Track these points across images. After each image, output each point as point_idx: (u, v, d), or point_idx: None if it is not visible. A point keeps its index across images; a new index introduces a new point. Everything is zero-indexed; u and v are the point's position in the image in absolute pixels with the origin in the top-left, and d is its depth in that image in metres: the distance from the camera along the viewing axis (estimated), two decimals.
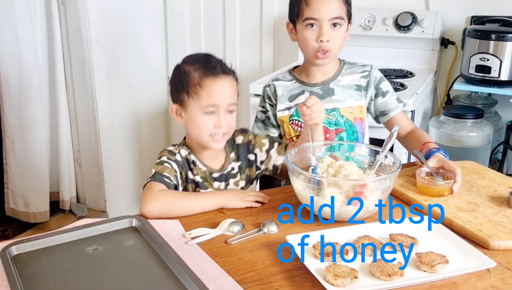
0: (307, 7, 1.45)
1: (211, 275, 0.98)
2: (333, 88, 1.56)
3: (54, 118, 2.71)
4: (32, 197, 2.64)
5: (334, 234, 1.11)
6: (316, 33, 1.46)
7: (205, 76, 1.28)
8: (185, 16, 3.08)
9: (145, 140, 3.10)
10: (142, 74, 3.00)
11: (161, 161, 1.33)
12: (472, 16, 2.41)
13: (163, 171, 1.30)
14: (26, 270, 1.00)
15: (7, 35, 2.41)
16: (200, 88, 1.27)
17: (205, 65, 1.29)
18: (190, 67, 1.31)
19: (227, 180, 1.41)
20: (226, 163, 1.40)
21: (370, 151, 1.35)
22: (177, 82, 1.32)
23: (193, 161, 1.37)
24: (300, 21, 1.48)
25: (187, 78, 1.29)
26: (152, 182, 1.27)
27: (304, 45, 1.50)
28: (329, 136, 1.55)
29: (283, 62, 2.85)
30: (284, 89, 1.59)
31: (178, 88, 1.32)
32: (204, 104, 1.28)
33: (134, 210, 2.98)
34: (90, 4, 2.54)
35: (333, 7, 1.45)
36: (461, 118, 2.23)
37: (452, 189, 1.31)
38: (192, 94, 1.28)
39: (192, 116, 1.30)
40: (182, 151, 1.37)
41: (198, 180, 1.37)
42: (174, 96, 1.35)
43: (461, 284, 0.97)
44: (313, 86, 1.57)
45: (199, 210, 1.26)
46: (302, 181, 1.20)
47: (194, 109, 1.29)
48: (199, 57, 1.34)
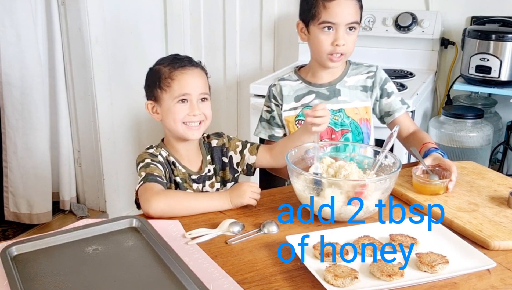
0: (325, 10, 1.43)
1: (211, 275, 0.98)
2: (340, 89, 1.56)
3: (54, 118, 2.70)
4: (35, 198, 2.64)
5: (334, 234, 1.11)
6: (332, 36, 1.45)
7: (174, 69, 1.36)
8: (185, 16, 3.08)
9: (145, 140, 3.10)
10: (142, 74, 2.97)
11: (146, 163, 1.36)
12: (472, 16, 2.41)
13: (153, 171, 1.32)
14: (26, 271, 1.00)
15: (9, 36, 2.41)
16: (171, 80, 1.35)
17: (173, 60, 1.38)
18: (160, 66, 1.39)
19: (204, 182, 1.44)
20: (203, 166, 1.44)
21: (370, 152, 1.35)
22: (150, 82, 1.40)
23: (173, 163, 1.41)
24: (315, 23, 1.46)
25: (158, 75, 1.37)
26: (146, 184, 1.29)
27: (318, 47, 1.49)
28: (335, 137, 1.56)
29: (283, 62, 2.85)
30: (290, 89, 1.59)
31: (150, 86, 1.40)
32: (176, 94, 1.34)
33: (134, 210, 2.96)
34: (90, 5, 2.54)
35: (351, 11, 1.45)
36: (461, 118, 2.23)
37: (447, 187, 1.31)
38: (164, 87, 1.35)
39: (166, 108, 1.36)
40: (162, 152, 1.41)
41: (178, 181, 1.40)
42: (148, 95, 1.42)
43: (461, 284, 0.97)
44: (320, 87, 1.57)
45: (202, 210, 1.26)
46: (302, 181, 1.20)
47: (168, 101, 1.36)
48: (167, 57, 1.42)
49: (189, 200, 1.28)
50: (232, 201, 1.27)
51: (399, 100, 1.60)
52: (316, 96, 1.55)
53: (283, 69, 2.66)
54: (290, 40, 2.83)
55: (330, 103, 1.53)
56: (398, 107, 1.59)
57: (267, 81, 2.47)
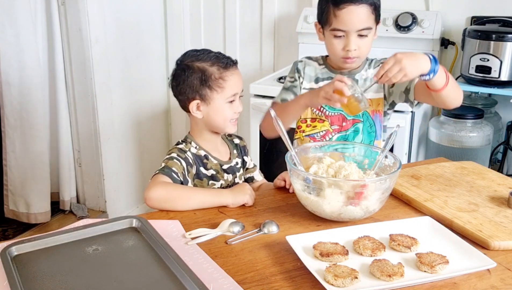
0: (335, 18, 1.43)
1: (211, 275, 0.98)
2: (358, 80, 1.56)
3: (54, 118, 2.71)
4: (33, 198, 2.64)
5: (334, 234, 1.11)
6: (343, 42, 1.45)
7: (224, 69, 1.39)
8: (185, 16, 3.08)
9: (145, 140, 3.10)
10: (142, 74, 3.00)
11: (170, 157, 1.38)
12: (472, 16, 2.41)
13: (172, 166, 1.34)
14: (26, 271, 1.00)
15: (8, 36, 2.41)
16: (223, 81, 1.38)
17: (218, 59, 1.40)
18: (203, 64, 1.39)
19: (234, 173, 1.48)
20: (231, 157, 1.50)
21: (370, 152, 1.35)
22: (194, 80, 1.39)
23: (205, 156, 1.43)
24: (327, 28, 1.47)
25: (206, 74, 1.38)
26: (159, 174, 1.32)
27: (331, 50, 1.50)
28: (346, 125, 1.56)
29: (283, 62, 2.85)
30: (313, 70, 1.59)
31: (195, 85, 1.39)
32: (228, 95, 1.39)
33: (134, 210, 2.98)
34: (90, 5, 2.54)
35: (362, 18, 1.43)
36: (461, 118, 2.23)
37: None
38: (216, 88, 1.38)
39: (217, 107, 1.40)
40: (192, 149, 1.43)
41: (212, 173, 1.43)
42: (190, 94, 1.40)
43: (461, 284, 0.97)
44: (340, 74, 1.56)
45: (202, 203, 1.28)
46: (302, 181, 1.20)
47: (219, 100, 1.39)
48: (205, 55, 1.41)
49: (191, 193, 1.31)
50: (235, 197, 1.29)
51: None
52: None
53: (283, 69, 2.66)
54: (290, 40, 2.83)
55: None
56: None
57: (267, 81, 2.47)
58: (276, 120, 1.30)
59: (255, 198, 1.33)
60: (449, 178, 1.43)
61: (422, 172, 1.47)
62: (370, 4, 1.43)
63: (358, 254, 1.05)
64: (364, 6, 1.42)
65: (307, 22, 2.60)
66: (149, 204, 1.27)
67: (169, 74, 3.28)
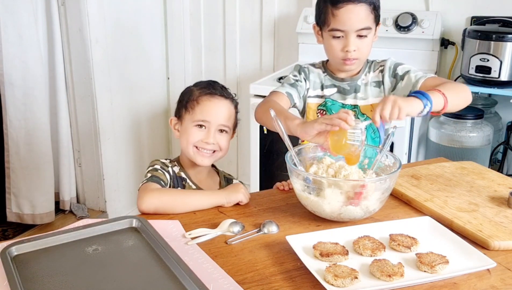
0: (334, 18, 1.41)
1: (211, 275, 0.99)
2: (360, 85, 1.55)
3: (54, 118, 2.70)
4: (38, 198, 2.64)
5: (334, 234, 1.11)
6: (342, 43, 1.43)
7: (204, 94, 1.41)
8: (185, 16, 3.08)
9: (145, 140, 3.11)
10: (142, 74, 3.00)
11: (154, 168, 1.39)
12: (472, 16, 2.41)
13: (158, 175, 1.36)
14: (26, 271, 1.00)
15: (11, 36, 2.41)
16: (197, 104, 1.40)
17: (207, 86, 1.44)
18: (195, 87, 1.45)
19: None
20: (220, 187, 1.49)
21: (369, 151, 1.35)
22: (181, 100, 1.46)
23: (183, 179, 1.43)
24: (326, 29, 1.45)
25: (188, 95, 1.44)
26: (148, 183, 1.32)
27: (330, 52, 1.48)
28: None
29: (283, 62, 2.86)
30: (317, 77, 1.57)
31: (179, 104, 1.46)
32: (196, 118, 1.40)
33: (134, 210, 2.97)
34: (90, 5, 2.55)
35: (360, 18, 1.41)
36: (461, 118, 2.23)
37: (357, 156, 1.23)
38: (189, 108, 1.41)
39: (184, 128, 1.42)
40: (175, 168, 1.44)
41: None
42: (175, 111, 1.48)
43: (461, 284, 0.97)
44: (341, 82, 1.55)
45: (197, 205, 1.28)
46: (302, 181, 1.20)
47: (187, 121, 1.41)
48: (206, 82, 1.48)
49: (184, 196, 1.30)
50: (228, 196, 1.30)
51: (417, 73, 1.49)
52: (338, 90, 1.54)
53: (283, 69, 2.66)
54: (290, 40, 2.83)
55: (348, 98, 1.53)
56: (419, 77, 1.47)
57: (267, 82, 2.47)
58: (276, 120, 1.29)
59: (255, 198, 1.33)
60: (449, 178, 1.43)
61: (422, 172, 1.47)
62: (369, 3, 1.42)
63: (358, 254, 1.05)
64: (363, 5, 1.40)
65: (307, 22, 2.60)
66: (142, 212, 1.26)
67: (169, 74, 3.31)
